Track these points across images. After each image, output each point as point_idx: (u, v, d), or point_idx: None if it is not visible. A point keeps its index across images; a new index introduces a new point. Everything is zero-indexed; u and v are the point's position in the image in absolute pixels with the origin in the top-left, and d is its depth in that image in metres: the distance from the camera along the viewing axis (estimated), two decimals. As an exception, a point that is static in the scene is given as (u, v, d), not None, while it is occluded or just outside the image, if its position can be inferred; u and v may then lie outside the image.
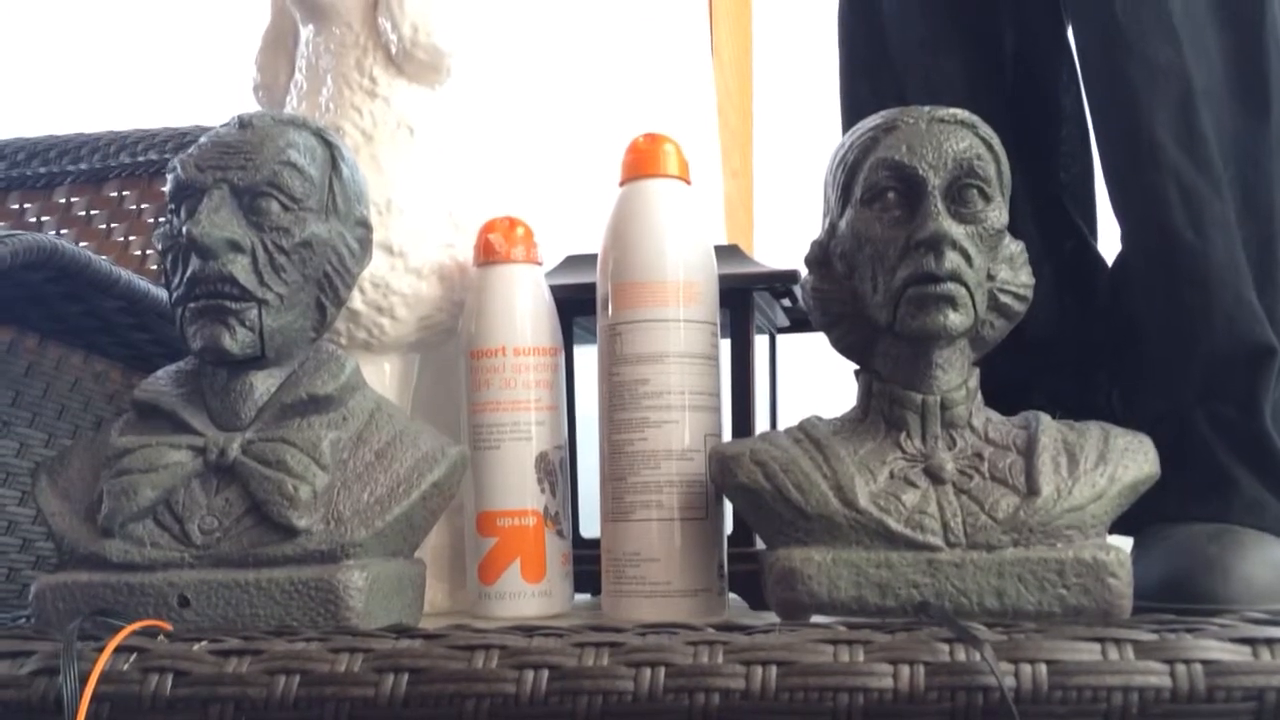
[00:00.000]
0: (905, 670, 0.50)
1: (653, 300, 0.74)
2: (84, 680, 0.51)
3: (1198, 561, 0.67)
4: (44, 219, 1.21)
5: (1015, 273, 0.67)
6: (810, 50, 1.29)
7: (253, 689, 0.52)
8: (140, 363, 0.91)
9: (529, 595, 0.78)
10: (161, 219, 0.90)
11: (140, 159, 1.19)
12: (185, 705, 0.52)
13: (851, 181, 0.67)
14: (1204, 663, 0.49)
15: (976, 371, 0.67)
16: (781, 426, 0.71)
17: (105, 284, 0.76)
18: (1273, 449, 0.73)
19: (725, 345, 0.84)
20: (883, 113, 0.67)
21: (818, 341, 0.76)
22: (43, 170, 1.21)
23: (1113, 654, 0.50)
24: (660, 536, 0.73)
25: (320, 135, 0.69)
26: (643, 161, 0.77)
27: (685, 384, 0.74)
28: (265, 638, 0.55)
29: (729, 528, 0.81)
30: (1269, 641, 0.50)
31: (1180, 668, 0.49)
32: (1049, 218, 0.87)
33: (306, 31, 0.86)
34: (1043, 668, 0.50)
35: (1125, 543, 0.73)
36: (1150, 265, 0.76)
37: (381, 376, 0.83)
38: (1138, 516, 0.67)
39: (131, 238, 1.18)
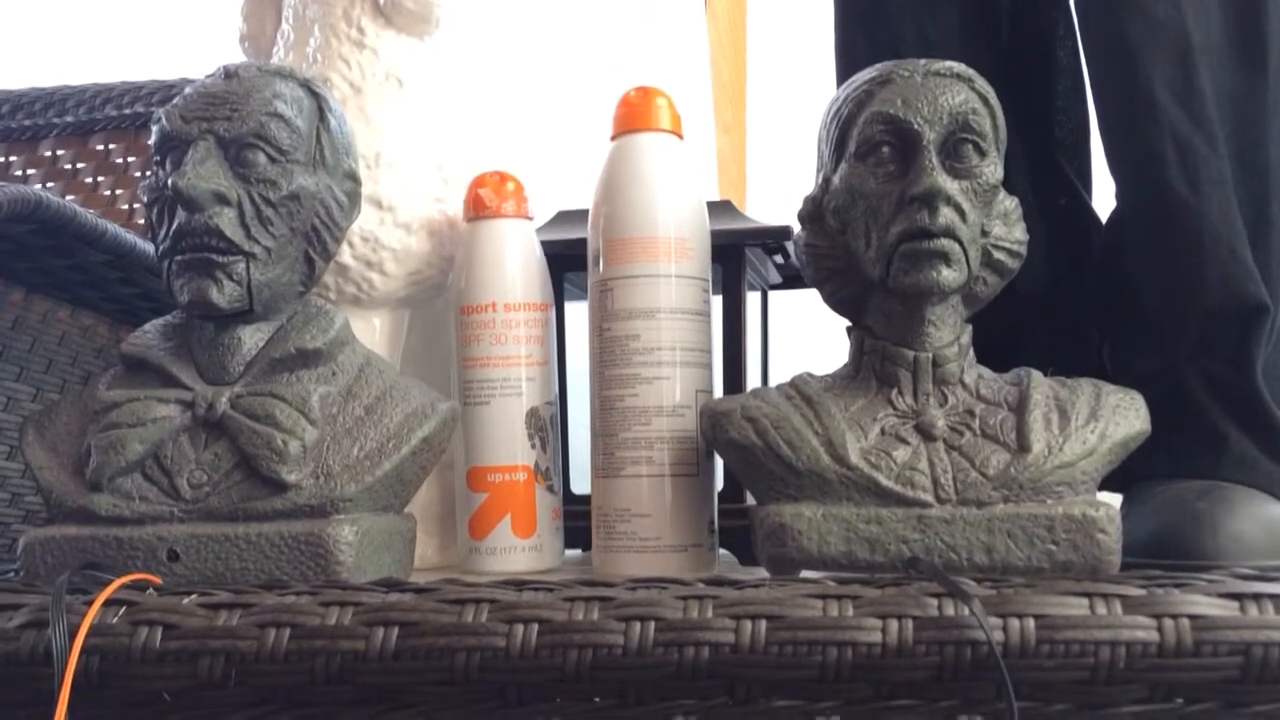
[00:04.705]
0: (894, 624, 0.50)
1: (644, 255, 0.74)
2: (73, 633, 0.51)
3: (1186, 517, 0.68)
4: (29, 172, 1.20)
5: (1009, 229, 0.67)
6: (804, 3, 1.28)
7: (243, 642, 0.52)
8: (127, 316, 0.90)
9: (519, 550, 0.78)
10: (148, 172, 0.90)
11: (126, 111, 1.18)
12: (175, 658, 0.52)
13: (846, 136, 0.66)
14: (1191, 618, 0.49)
15: (969, 328, 0.67)
16: (773, 383, 0.70)
17: (91, 237, 0.76)
18: (1263, 406, 0.73)
19: (717, 301, 0.83)
20: (878, 66, 0.66)
21: (810, 297, 0.75)
22: (27, 123, 1.20)
23: (1101, 609, 0.50)
24: (651, 492, 0.73)
25: (307, 86, 0.68)
26: (635, 115, 0.76)
27: (676, 340, 0.74)
28: (255, 591, 0.55)
29: (720, 484, 0.81)
30: (1256, 597, 0.50)
31: (1168, 622, 0.49)
32: (1043, 173, 0.87)
33: (293, -20, 0.85)
34: (1031, 622, 0.50)
35: (1115, 499, 0.73)
36: (1145, 221, 0.76)
37: (371, 332, 0.83)
38: (1128, 473, 0.68)
39: (118, 191, 1.17)
